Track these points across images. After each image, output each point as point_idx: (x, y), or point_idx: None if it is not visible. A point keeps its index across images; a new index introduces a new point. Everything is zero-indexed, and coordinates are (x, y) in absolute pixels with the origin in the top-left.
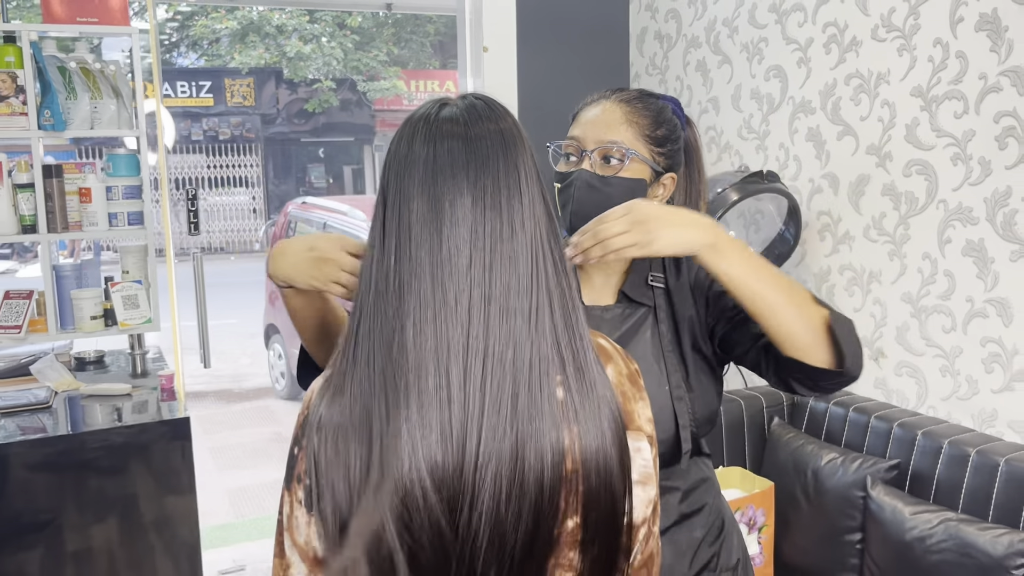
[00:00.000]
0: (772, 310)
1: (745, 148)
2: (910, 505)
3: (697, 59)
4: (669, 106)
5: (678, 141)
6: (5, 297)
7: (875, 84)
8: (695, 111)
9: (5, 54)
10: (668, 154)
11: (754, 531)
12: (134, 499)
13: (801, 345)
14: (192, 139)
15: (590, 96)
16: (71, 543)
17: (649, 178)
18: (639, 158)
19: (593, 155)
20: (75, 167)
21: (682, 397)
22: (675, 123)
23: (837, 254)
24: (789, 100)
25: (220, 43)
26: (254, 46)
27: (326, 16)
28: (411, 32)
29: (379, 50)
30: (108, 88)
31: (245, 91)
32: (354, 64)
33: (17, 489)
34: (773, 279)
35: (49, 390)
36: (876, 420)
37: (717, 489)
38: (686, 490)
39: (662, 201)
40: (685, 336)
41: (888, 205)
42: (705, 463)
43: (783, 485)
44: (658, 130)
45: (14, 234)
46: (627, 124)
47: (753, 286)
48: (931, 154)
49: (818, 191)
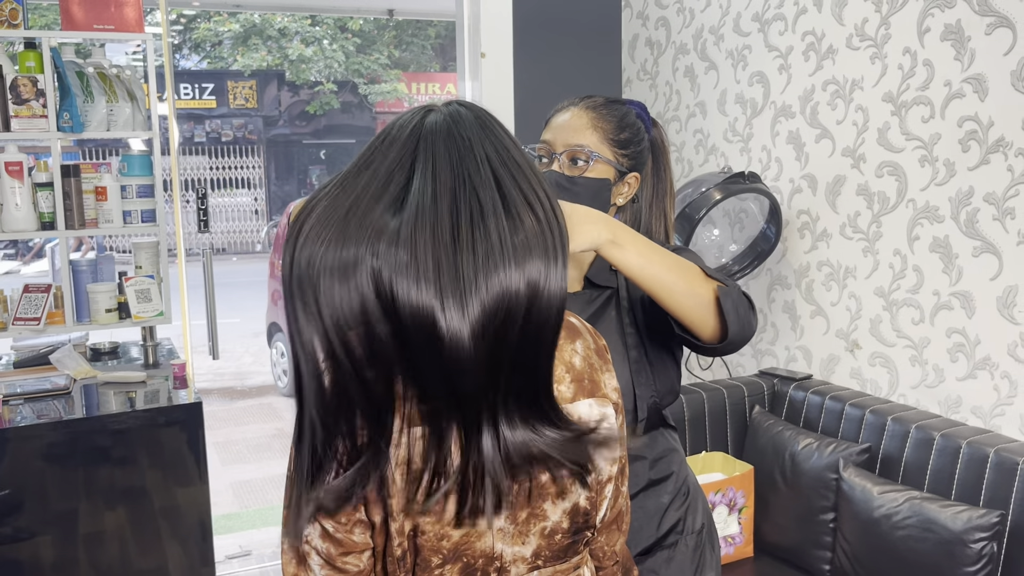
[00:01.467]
0: (668, 291)
1: (730, 150)
2: (879, 485)
3: (685, 65)
4: (633, 111)
5: (641, 143)
6: (25, 291)
7: (850, 90)
8: (683, 114)
9: (26, 59)
10: (631, 155)
11: (735, 512)
12: (148, 480)
13: (693, 320)
14: (195, 141)
15: (561, 103)
16: (86, 524)
17: (613, 177)
18: (603, 160)
19: (562, 157)
20: (92, 167)
21: (642, 371)
22: (638, 127)
23: (816, 251)
24: (771, 105)
25: (223, 46)
26: (256, 49)
27: (328, 20)
28: (412, 35)
29: (380, 53)
30: (123, 92)
31: (247, 93)
32: (355, 67)
33: (35, 471)
34: (666, 263)
35: (68, 378)
36: (850, 407)
37: (682, 459)
38: (653, 459)
39: (627, 198)
40: (639, 315)
41: (862, 204)
42: (672, 435)
43: (763, 468)
44: (621, 134)
45: (34, 230)
46: (593, 129)
47: (649, 271)
48: (901, 156)
49: (798, 191)
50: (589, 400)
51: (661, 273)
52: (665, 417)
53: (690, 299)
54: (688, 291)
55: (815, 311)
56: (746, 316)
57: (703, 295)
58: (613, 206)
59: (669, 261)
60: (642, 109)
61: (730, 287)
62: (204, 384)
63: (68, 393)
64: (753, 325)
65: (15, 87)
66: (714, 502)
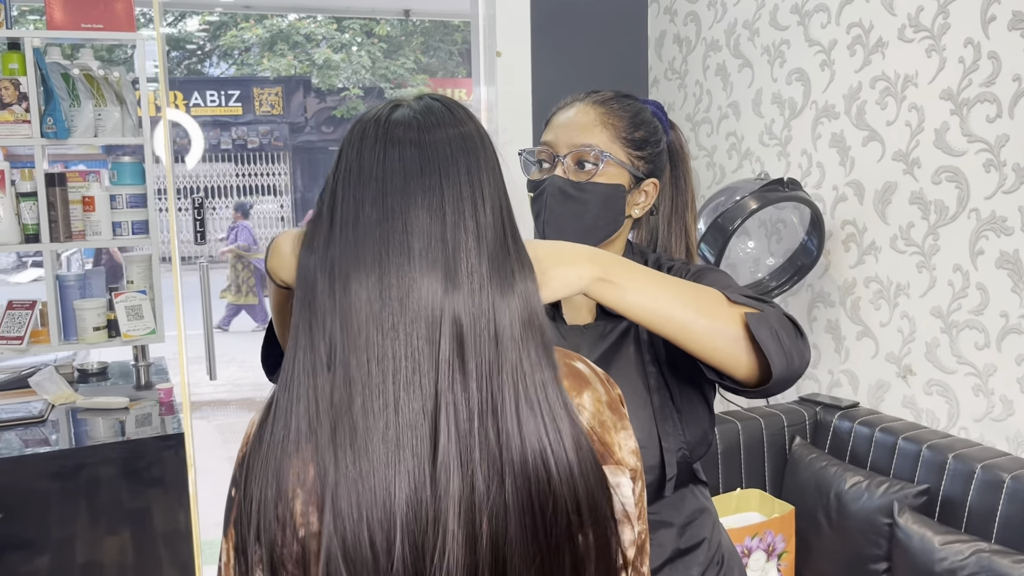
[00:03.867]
0: (684, 332)
1: (766, 155)
2: (940, 534)
3: (717, 63)
4: (649, 108)
5: (659, 144)
6: (8, 307)
7: (902, 87)
8: (715, 116)
9: (9, 61)
10: (648, 158)
11: (773, 558)
12: (124, 515)
13: (722, 362)
14: (221, 148)
15: (564, 99)
16: (58, 560)
17: (628, 183)
18: (615, 162)
19: (566, 160)
20: (79, 175)
21: (668, 417)
22: (655, 125)
23: (862, 265)
24: (812, 104)
25: (250, 52)
26: (283, 54)
27: (353, 25)
28: (439, 40)
29: (407, 58)
30: (112, 95)
31: (273, 100)
32: (382, 72)
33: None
34: (677, 297)
35: (46, 403)
36: (904, 441)
37: (715, 519)
38: (682, 524)
39: (644, 209)
40: (663, 353)
41: (916, 214)
42: (701, 492)
43: (804, 509)
44: (636, 132)
45: (17, 243)
46: (602, 126)
47: (655, 311)
48: (962, 160)
49: (842, 199)
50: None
51: (671, 311)
52: (696, 472)
53: (713, 337)
54: (708, 328)
55: (862, 332)
56: (792, 345)
57: (728, 329)
58: (628, 218)
59: (680, 294)
60: (658, 108)
61: (765, 311)
62: (221, 395)
63: (43, 421)
64: (805, 355)
65: None
66: (750, 547)
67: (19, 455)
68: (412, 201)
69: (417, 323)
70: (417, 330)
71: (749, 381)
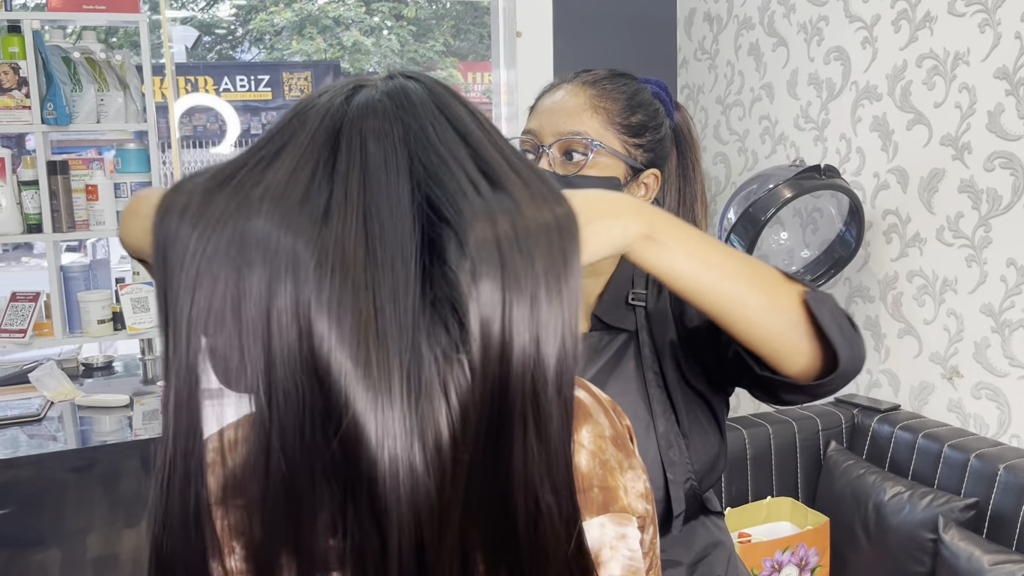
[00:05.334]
0: (738, 308)
1: (802, 139)
2: (989, 553)
3: (750, 42)
4: (648, 88)
5: (660, 130)
6: (11, 299)
7: (952, 65)
8: (747, 99)
9: (9, 44)
10: (648, 146)
11: (806, 572)
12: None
13: (779, 349)
14: (251, 133)
15: (551, 81)
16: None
17: (624, 176)
18: (609, 151)
19: (552, 150)
20: (82, 162)
21: (673, 444)
22: (655, 108)
23: (905, 258)
24: (852, 85)
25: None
26: (311, 37)
27: (383, 7)
28: (470, 23)
29: (436, 41)
30: (115, 79)
31: (303, 84)
32: (411, 55)
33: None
34: (732, 265)
35: (44, 400)
36: (950, 449)
37: (730, 552)
38: (692, 562)
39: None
40: (669, 368)
41: (966, 204)
42: (714, 523)
43: (840, 520)
44: (633, 116)
45: (18, 233)
46: (592, 110)
47: (707, 280)
48: (1018, 145)
49: (884, 187)
50: (601, 518)
51: (725, 282)
52: (707, 502)
53: (771, 316)
54: (767, 305)
55: (904, 329)
56: (853, 335)
57: (789, 308)
58: None
59: (735, 262)
60: (661, 87)
61: (819, 293)
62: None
63: (40, 420)
64: (863, 348)
65: None
66: (781, 562)
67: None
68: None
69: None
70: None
71: (800, 374)
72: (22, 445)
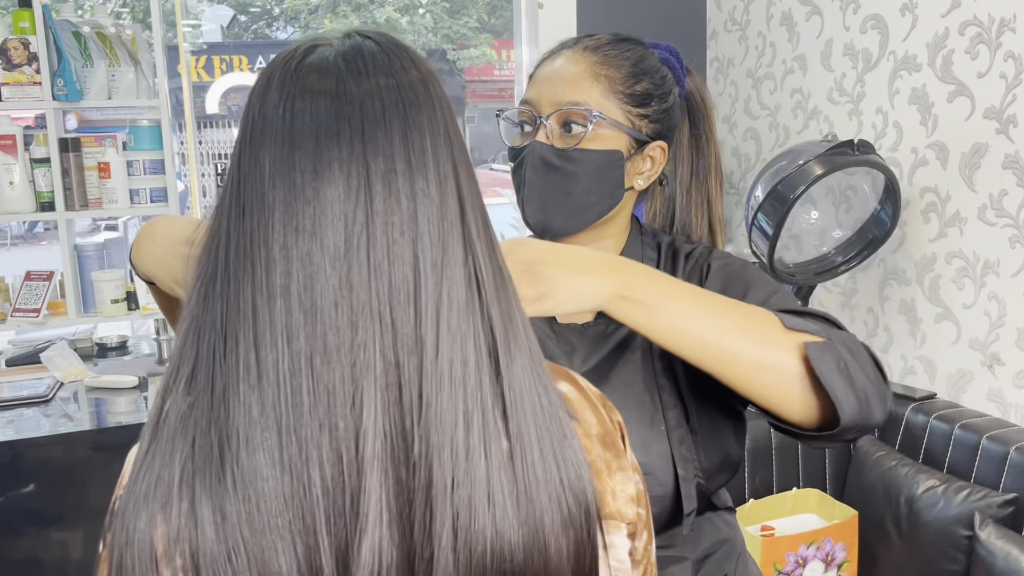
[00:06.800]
0: (723, 362)
1: (836, 113)
2: None
3: (782, 11)
4: (656, 53)
5: (668, 99)
6: (26, 278)
7: (997, 32)
8: (778, 71)
9: (20, 19)
10: (654, 116)
11: (832, 568)
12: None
13: (773, 402)
14: None
15: (551, 48)
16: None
17: (627, 149)
18: (610, 122)
19: (549, 122)
20: (94, 140)
21: (683, 440)
22: (663, 75)
23: (944, 239)
24: (890, 55)
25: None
26: (345, 16)
27: None
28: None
29: (470, 17)
30: (125, 55)
31: None
32: (445, 31)
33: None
34: (717, 317)
35: (54, 381)
36: (988, 441)
37: (740, 550)
38: (698, 559)
39: (649, 179)
40: (678, 360)
41: (1011, 180)
42: (724, 519)
43: (869, 514)
44: (637, 84)
45: (31, 211)
46: (593, 78)
47: (693, 337)
48: None
49: (922, 163)
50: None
51: (711, 339)
52: (714, 498)
53: (761, 372)
54: (757, 359)
55: (942, 314)
56: (867, 383)
57: (782, 362)
58: (630, 191)
59: (722, 315)
60: (671, 53)
61: (833, 339)
62: None
63: (48, 400)
64: (886, 396)
65: (5, 51)
66: (806, 556)
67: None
68: (325, 174)
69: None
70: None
71: (808, 425)
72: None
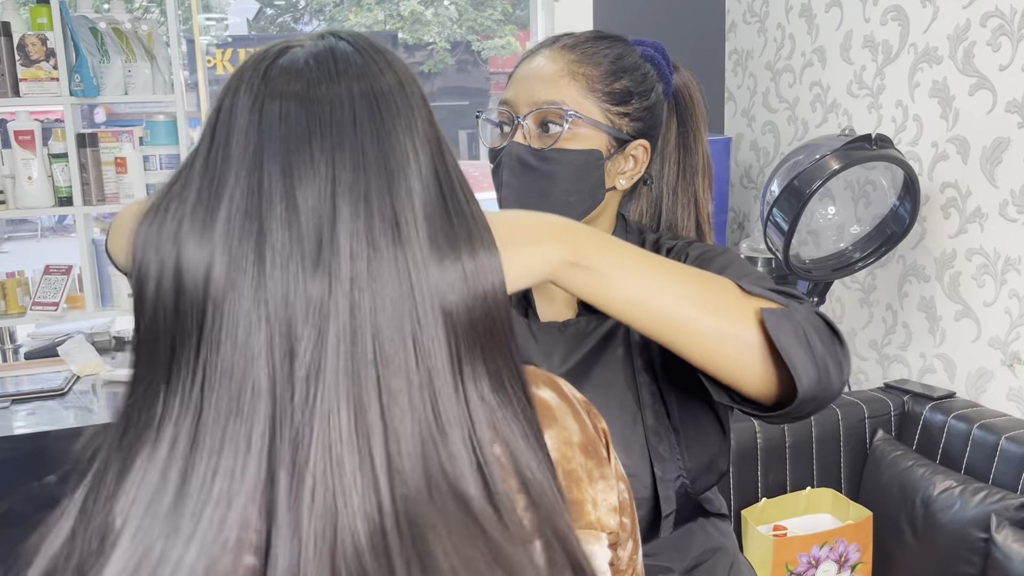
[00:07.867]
0: (678, 332)
1: (855, 107)
2: None
3: (801, 2)
4: (638, 50)
5: (649, 96)
6: (45, 272)
7: (1020, 24)
8: (797, 64)
9: (38, 15)
10: (635, 115)
11: (845, 570)
12: None
13: (730, 374)
14: None
15: (531, 48)
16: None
17: (607, 147)
18: (588, 121)
19: (527, 122)
20: (111, 135)
21: (664, 439)
22: (644, 72)
23: (965, 235)
24: (910, 48)
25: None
26: (369, 8)
27: None
28: None
29: (494, 8)
30: (142, 50)
31: None
32: (469, 23)
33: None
34: (673, 285)
35: (70, 375)
36: (1008, 442)
37: (734, 559)
38: (687, 569)
39: (632, 179)
40: (659, 356)
41: None
42: (716, 526)
43: (885, 515)
44: (616, 82)
45: (49, 206)
46: (570, 77)
47: (647, 306)
48: None
49: (943, 158)
50: None
51: (667, 308)
52: (705, 503)
53: (721, 342)
54: (715, 329)
55: (961, 311)
56: (826, 352)
57: (741, 331)
58: (612, 191)
59: (678, 283)
60: (657, 50)
61: (791, 307)
62: None
63: (63, 394)
64: (844, 367)
65: (23, 47)
66: (818, 557)
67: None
68: (295, 181)
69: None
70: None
71: (764, 399)
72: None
